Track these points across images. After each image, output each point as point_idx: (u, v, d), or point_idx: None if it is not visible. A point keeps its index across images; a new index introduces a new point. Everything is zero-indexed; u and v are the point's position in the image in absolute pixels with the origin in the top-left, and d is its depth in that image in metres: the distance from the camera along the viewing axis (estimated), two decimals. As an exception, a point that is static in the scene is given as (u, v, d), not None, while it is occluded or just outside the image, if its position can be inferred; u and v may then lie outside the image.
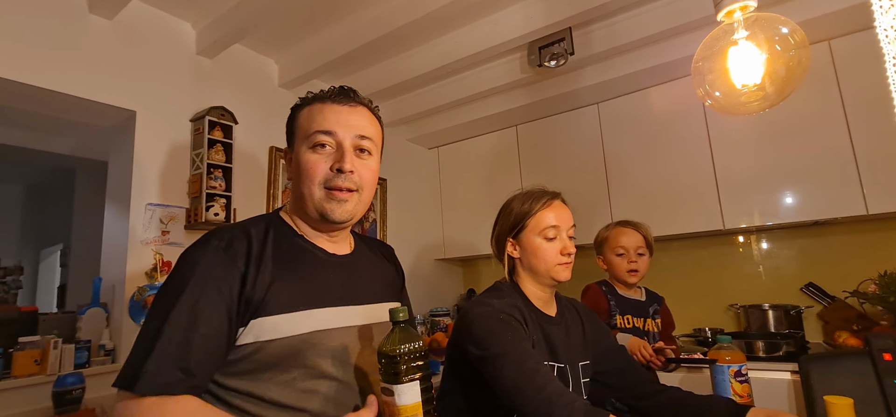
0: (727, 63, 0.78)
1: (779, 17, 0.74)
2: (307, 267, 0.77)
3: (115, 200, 1.88)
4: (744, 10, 0.76)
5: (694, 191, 2.33)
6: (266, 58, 2.30)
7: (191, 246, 0.72)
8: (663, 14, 1.96)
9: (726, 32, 0.78)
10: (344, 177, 0.76)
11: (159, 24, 1.90)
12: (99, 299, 1.79)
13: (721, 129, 2.28)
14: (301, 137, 0.79)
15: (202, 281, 0.67)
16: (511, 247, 1.08)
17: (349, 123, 0.79)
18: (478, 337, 0.92)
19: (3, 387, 1.44)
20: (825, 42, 2.07)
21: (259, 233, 0.75)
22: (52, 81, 1.57)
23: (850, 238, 2.24)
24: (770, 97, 0.75)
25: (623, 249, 1.58)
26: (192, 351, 0.63)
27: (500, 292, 1.05)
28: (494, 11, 2.01)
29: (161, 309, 0.66)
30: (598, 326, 1.18)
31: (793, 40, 0.71)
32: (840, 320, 2.09)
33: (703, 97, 0.85)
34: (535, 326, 1.00)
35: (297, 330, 0.71)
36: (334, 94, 0.81)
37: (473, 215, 3.03)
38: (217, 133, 1.95)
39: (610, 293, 1.60)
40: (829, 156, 2.04)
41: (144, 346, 0.63)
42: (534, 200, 1.07)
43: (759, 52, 0.74)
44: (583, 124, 2.70)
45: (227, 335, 0.68)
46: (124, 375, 0.63)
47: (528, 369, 0.84)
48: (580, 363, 1.06)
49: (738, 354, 1.14)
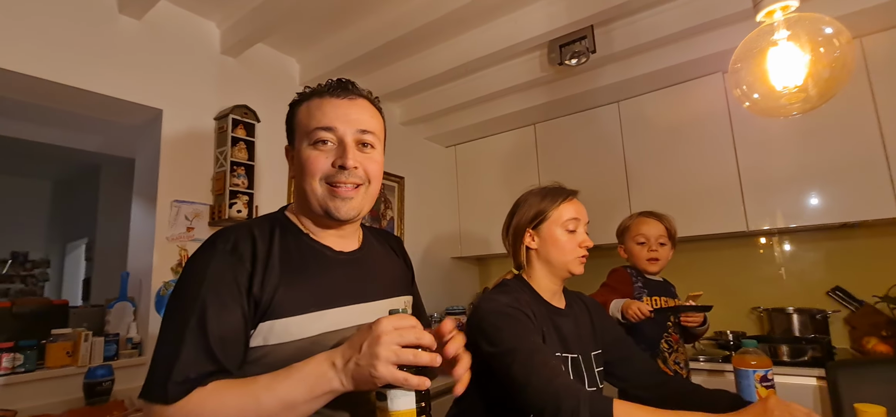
0: (766, 64, 0.76)
1: (822, 16, 0.72)
2: (315, 268, 0.76)
3: (142, 196, 1.92)
4: (785, 10, 0.74)
5: (716, 192, 2.28)
6: (288, 56, 2.32)
7: (196, 251, 0.72)
8: (686, 11, 1.93)
9: (766, 33, 0.76)
10: (347, 173, 0.75)
11: (185, 24, 1.93)
12: (126, 293, 1.84)
13: (746, 128, 2.23)
14: (301, 134, 0.78)
15: (214, 284, 0.66)
16: (529, 238, 1.10)
17: (349, 118, 0.77)
18: (488, 332, 0.94)
19: (38, 378, 1.49)
20: (857, 39, 2.01)
21: (264, 234, 0.74)
22: (84, 81, 1.62)
23: (879, 241, 2.17)
24: (812, 99, 0.73)
25: (644, 238, 1.59)
26: (217, 352, 0.64)
27: (506, 288, 1.07)
28: (515, 9, 2.00)
29: (178, 316, 0.65)
30: (605, 317, 1.21)
31: (838, 42, 0.69)
32: (869, 325, 2.04)
33: (741, 98, 0.83)
34: (544, 319, 1.02)
35: (307, 332, 0.71)
36: (332, 88, 0.79)
37: (490, 214, 3.02)
38: (240, 131, 1.98)
39: (636, 275, 1.63)
40: (859, 157, 1.98)
41: (169, 354, 0.63)
42: (555, 194, 1.10)
43: (801, 52, 0.72)
44: (602, 123, 2.67)
45: (244, 333, 0.68)
46: (152, 387, 0.62)
47: (537, 363, 0.85)
48: (592, 352, 1.07)
49: (764, 359, 1.12)
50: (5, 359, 1.45)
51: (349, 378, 0.63)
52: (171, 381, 0.61)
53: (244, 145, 1.98)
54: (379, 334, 0.61)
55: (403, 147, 2.92)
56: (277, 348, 0.69)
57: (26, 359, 1.49)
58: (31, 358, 1.50)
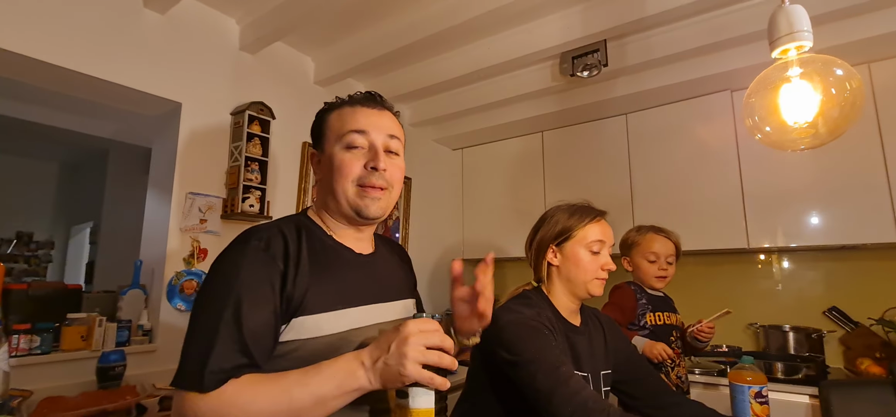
0: (779, 99, 0.80)
1: (834, 59, 0.76)
2: (339, 267, 0.80)
3: (158, 187, 1.96)
4: (799, 50, 0.77)
5: (719, 208, 2.32)
6: (303, 55, 2.35)
7: (229, 246, 0.75)
8: (699, 30, 1.97)
9: (780, 69, 0.79)
10: (378, 175, 0.80)
11: (206, 20, 1.97)
12: (139, 280, 1.87)
13: (751, 146, 2.27)
14: (333, 138, 0.82)
15: (248, 279, 0.69)
16: (552, 255, 1.10)
17: (380, 125, 0.83)
18: (509, 342, 0.95)
19: (54, 360, 1.53)
20: (864, 65, 2.05)
21: (292, 234, 0.77)
22: (108, 72, 1.65)
23: (877, 264, 2.21)
24: (821, 136, 0.76)
25: (655, 256, 1.62)
26: (250, 346, 0.67)
27: (528, 300, 1.08)
28: (531, 20, 2.03)
29: (213, 309, 0.68)
30: (619, 336, 1.21)
31: (849, 85, 0.73)
32: (863, 347, 2.08)
33: (752, 129, 0.87)
34: (561, 335, 1.03)
35: (335, 328, 0.75)
36: (363, 99, 0.85)
37: (494, 217, 3.06)
38: (255, 127, 2.01)
39: (639, 292, 1.65)
40: (861, 180, 2.02)
41: (204, 344, 0.65)
42: (583, 213, 1.10)
43: (813, 91, 0.75)
44: (610, 134, 2.71)
45: (275, 328, 0.71)
46: (187, 375, 0.65)
47: (562, 374, 0.87)
48: (602, 372, 1.09)
49: (760, 375, 1.15)
50: (23, 340, 1.49)
51: (377, 377, 0.66)
52: (207, 370, 0.63)
53: (259, 141, 2.01)
54: (407, 335, 0.65)
55: (411, 148, 2.90)
56: (308, 342, 0.73)
57: (43, 341, 1.53)
58: (47, 341, 1.54)
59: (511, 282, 3.31)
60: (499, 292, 3.46)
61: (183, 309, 1.83)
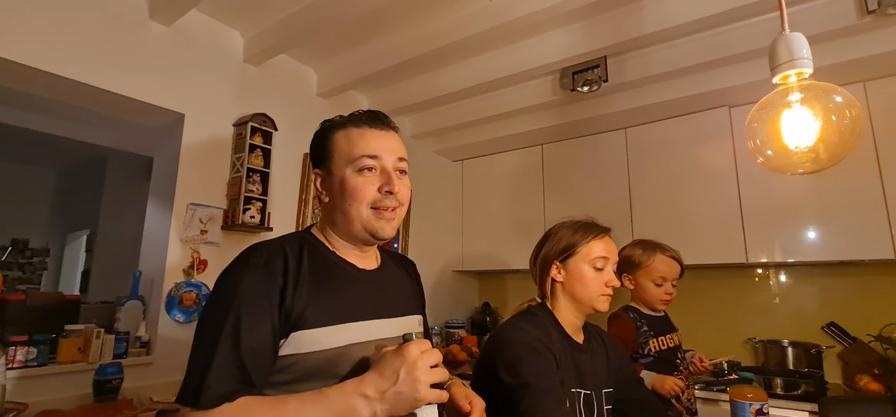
0: (780, 124, 0.81)
1: (833, 86, 0.78)
2: (341, 283, 0.81)
3: (159, 197, 1.95)
4: (799, 76, 0.79)
5: (718, 223, 2.34)
6: (306, 67, 2.37)
7: (230, 265, 0.76)
8: (698, 48, 1.99)
9: (781, 94, 0.81)
10: (392, 197, 0.82)
11: (211, 32, 1.98)
12: (138, 292, 1.86)
13: (749, 163, 2.28)
14: (343, 160, 0.83)
15: (247, 297, 0.71)
16: (556, 271, 1.10)
17: (390, 148, 0.84)
18: (510, 361, 0.95)
19: (50, 372, 1.51)
20: (860, 83, 2.08)
21: (294, 250, 0.78)
22: (114, 84, 1.66)
23: (875, 280, 2.23)
24: (821, 161, 0.78)
25: (662, 280, 1.54)
26: (247, 363, 0.68)
27: (534, 317, 1.07)
28: (533, 36, 2.06)
29: (213, 327, 0.69)
30: (621, 355, 1.21)
31: (849, 113, 0.74)
32: (861, 363, 2.09)
33: (754, 152, 0.88)
34: (565, 354, 1.03)
35: (334, 342, 0.75)
36: (369, 120, 0.85)
37: (494, 229, 3.07)
38: (257, 138, 2.01)
39: (638, 318, 1.57)
40: (858, 197, 2.04)
41: (203, 362, 0.67)
42: (587, 229, 1.10)
43: (813, 117, 0.77)
44: (609, 148, 2.73)
45: (274, 344, 0.72)
46: (188, 392, 0.66)
47: (549, 403, 0.87)
48: (604, 390, 1.08)
49: (761, 392, 1.15)
50: (19, 353, 1.47)
51: (387, 406, 0.67)
52: (203, 388, 0.65)
53: (260, 152, 2.02)
54: (414, 360, 0.67)
55: (411, 159, 2.86)
56: (307, 356, 0.73)
57: (39, 353, 1.51)
58: (43, 353, 1.52)
59: (512, 295, 3.32)
60: (499, 305, 3.43)
61: (181, 321, 1.82)
